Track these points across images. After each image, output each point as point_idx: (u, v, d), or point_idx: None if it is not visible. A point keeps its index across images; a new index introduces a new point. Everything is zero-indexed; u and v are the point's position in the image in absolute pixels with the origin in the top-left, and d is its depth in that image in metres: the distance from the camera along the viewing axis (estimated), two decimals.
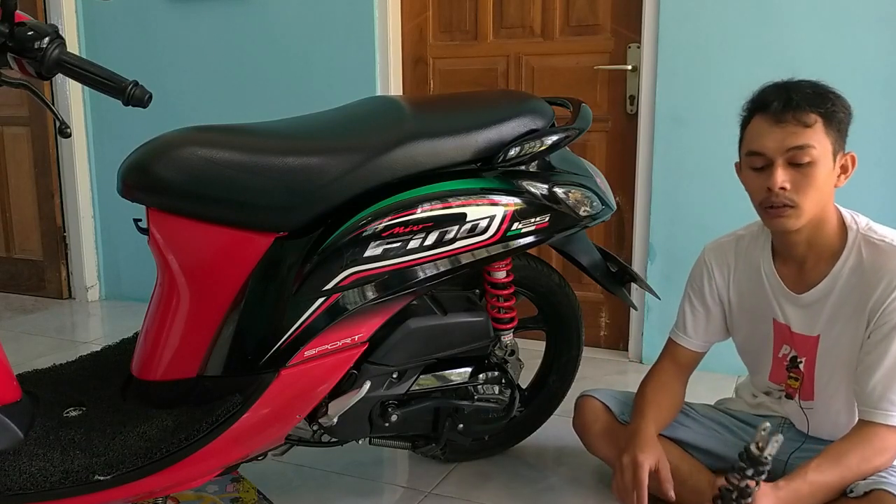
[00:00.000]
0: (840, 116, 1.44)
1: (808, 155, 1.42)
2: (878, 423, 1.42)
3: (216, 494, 1.75)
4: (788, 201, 1.44)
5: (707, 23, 2.49)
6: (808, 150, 1.42)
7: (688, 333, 1.73)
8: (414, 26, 2.99)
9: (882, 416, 1.42)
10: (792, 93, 1.44)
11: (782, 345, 1.61)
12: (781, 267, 1.58)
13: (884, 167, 2.38)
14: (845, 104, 1.46)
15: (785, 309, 1.58)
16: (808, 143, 1.42)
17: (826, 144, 1.43)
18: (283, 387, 1.44)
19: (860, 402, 1.46)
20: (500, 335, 1.78)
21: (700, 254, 1.74)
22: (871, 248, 1.46)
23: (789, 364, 1.60)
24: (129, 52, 3.36)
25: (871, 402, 1.43)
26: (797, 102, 1.43)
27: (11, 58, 1.29)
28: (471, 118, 1.62)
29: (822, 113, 1.43)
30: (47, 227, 3.62)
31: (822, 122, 1.42)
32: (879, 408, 1.42)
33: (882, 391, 1.42)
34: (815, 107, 1.43)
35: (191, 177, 1.40)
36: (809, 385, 1.57)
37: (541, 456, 2.04)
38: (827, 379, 1.55)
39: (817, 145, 1.42)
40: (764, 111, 1.46)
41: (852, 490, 1.42)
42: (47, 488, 1.30)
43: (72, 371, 1.66)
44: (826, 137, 1.43)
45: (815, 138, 1.42)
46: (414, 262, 1.52)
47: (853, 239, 1.49)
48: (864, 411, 1.45)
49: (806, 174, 1.43)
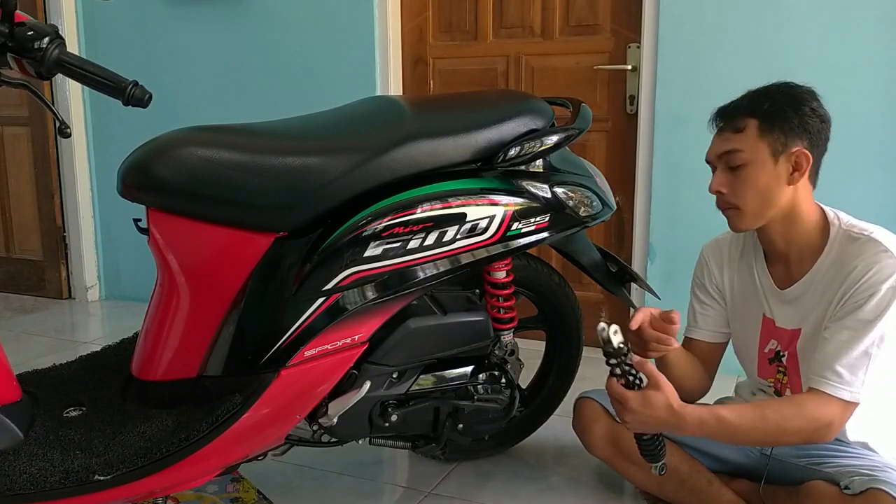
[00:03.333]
0: (786, 114, 1.46)
1: (738, 158, 1.49)
2: (818, 389, 1.43)
3: (216, 494, 1.75)
4: (728, 204, 1.52)
5: (707, 23, 2.49)
6: (737, 154, 1.49)
7: (699, 326, 1.75)
8: (414, 26, 2.99)
9: (823, 383, 1.42)
10: (738, 100, 1.52)
11: (768, 340, 1.63)
12: (771, 265, 1.61)
13: (884, 167, 2.38)
14: (797, 99, 1.48)
15: (772, 304, 1.61)
16: (736, 148, 1.49)
17: (759, 147, 1.47)
18: (283, 387, 1.44)
19: (810, 371, 1.47)
20: (500, 335, 1.78)
21: (699, 253, 1.77)
22: (850, 242, 1.48)
23: (773, 357, 1.63)
24: (129, 52, 3.36)
25: (817, 370, 1.44)
26: (731, 109, 1.52)
27: (11, 58, 1.29)
28: (471, 118, 1.62)
29: (758, 115, 1.47)
30: (47, 226, 3.62)
31: (756, 125, 1.47)
32: (823, 376, 1.43)
33: (830, 362, 1.43)
34: (749, 110, 1.49)
35: (190, 177, 1.40)
36: (796, 379, 1.59)
37: (541, 456, 2.04)
38: (808, 371, 1.55)
39: (747, 149, 1.48)
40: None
41: (848, 487, 1.42)
42: (47, 488, 1.30)
43: (72, 371, 1.66)
44: (760, 140, 1.47)
45: (745, 142, 1.48)
46: (414, 262, 1.52)
47: (834, 235, 1.51)
48: (811, 379, 1.46)
49: (739, 177, 1.50)
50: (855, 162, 2.35)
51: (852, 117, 1.50)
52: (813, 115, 1.48)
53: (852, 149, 2.31)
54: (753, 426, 1.43)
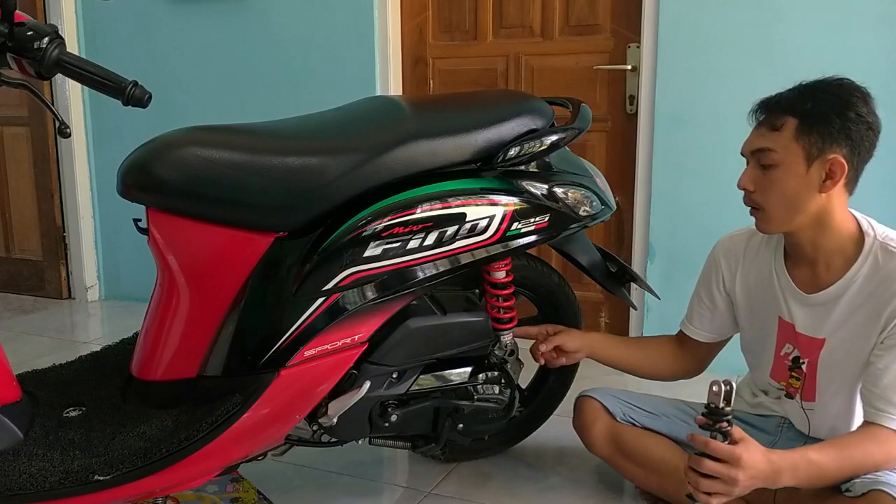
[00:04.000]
0: (828, 118, 1.40)
1: (770, 158, 1.44)
2: (882, 425, 1.42)
3: (216, 494, 1.75)
4: (754, 203, 1.48)
5: (707, 23, 2.49)
6: (769, 153, 1.43)
7: (693, 324, 1.77)
8: (414, 26, 2.99)
9: (886, 418, 1.42)
10: (783, 94, 1.46)
11: (785, 343, 1.61)
12: (794, 267, 1.57)
13: (884, 167, 2.37)
14: (843, 102, 1.41)
15: (791, 307, 1.57)
16: (769, 147, 1.44)
17: (794, 149, 1.42)
18: (283, 387, 1.44)
19: (866, 402, 1.46)
20: (499, 335, 1.78)
21: (712, 248, 1.75)
22: (889, 257, 1.45)
23: (791, 364, 1.60)
24: (129, 52, 3.36)
25: (878, 405, 1.43)
26: (773, 104, 1.45)
27: (11, 58, 1.29)
28: (470, 118, 1.62)
29: (798, 114, 1.41)
30: (47, 226, 3.62)
31: (794, 125, 1.41)
32: (885, 411, 1.42)
33: (889, 395, 1.42)
34: (790, 108, 1.42)
35: (190, 177, 1.40)
36: (811, 386, 1.57)
37: (541, 456, 2.04)
38: (829, 381, 1.54)
39: (780, 149, 1.42)
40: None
41: (849, 489, 1.41)
42: (47, 488, 1.30)
43: (72, 371, 1.66)
44: (795, 142, 1.41)
45: (779, 142, 1.42)
46: (414, 262, 1.52)
47: (870, 245, 1.47)
48: (870, 412, 1.44)
49: (769, 177, 1.45)
50: None
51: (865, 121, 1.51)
52: (858, 121, 1.40)
53: None
54: (840, 466, 1.39)
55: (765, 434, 1.69)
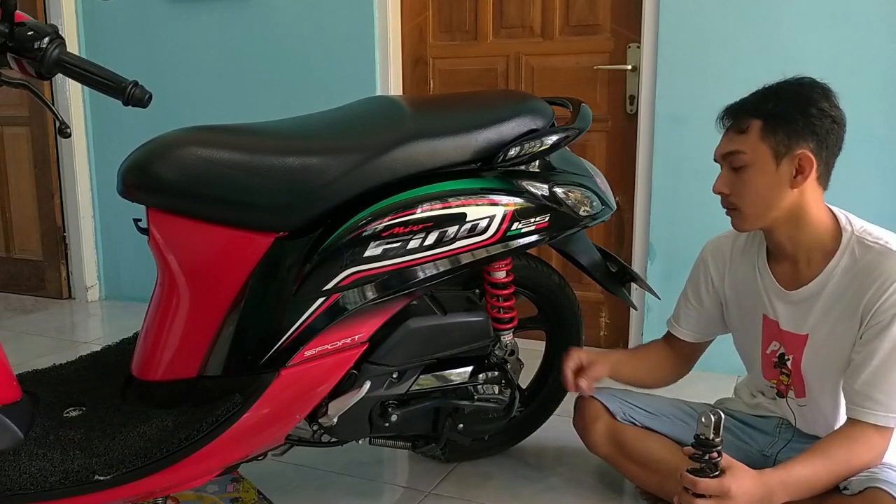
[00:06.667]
0: (790, 116, 1.43)
1: (740, 160, 1.48)
2: (862, 420, 1.43)
3: (216, 494, 1.75)
4: (731, 205, 1.52)
5: (707, 23, 2.49)
6: (739, 155, 1.48)
7: (680, 324, 1.79)
8: (414, 26, 2.99)
9: (866, 414, 1.43)
10: (745, 99, 1.50)
11: (771, 341, 1.62)
12: (776, 265, 1.60)
13: (884, 167, 2.38)
14: (804, 99, 1.44)
15: (775, 305, 1.59)
16: (738, 149, 1.48)
17: (761, 149, 1.45)
18: (283, 387, 1.44)
19: (848, 399, 1.48)
20: (500, 335, 1.78)
21: (701, 250, 1.77)
22: (865, 250, 1.47)
23: (777, 361, 1.62)
24: (129, 52, 3.36)
25: (857, 401, 1.44)
26: (738, 109, 1.50)
27: (11, 58, 1.29)
28: (471, 118, 1.62)
29: (762, 116, 1.45)
30: (47, 226, 3.62)
31: (759, 126, 1.45)
32: (864, 406, 1.43)
33: (868, 390, 1.43)
34: (754, 111, 1.46)
35: (190, 177, 1.40)
36: (799, 382, 1.58)
37: (541, 456, 2.04)
38: (816, 377, 1.55)
39: (748, 150, 1.46)
40: None
41: (847, 487, 1.42)
42: (47, 488, 1.30)
43: (72, 371, 1.66)
44: (762, 142, 1.45)
45: (747, 143, 1.46)
46: (414, 262, 1.52)
47: (847, 240, 1.49)
48: (851, 409, 1.46)
49: (741, 178, 1.49)
50: (855, 162, 2.35)
51: (852, 117, 1.49)
52: (821, 116, 1.44)
53: (852, 148, 2.29)
54: (829, 471, 1.42)
55: (764, 434, 1.70)
